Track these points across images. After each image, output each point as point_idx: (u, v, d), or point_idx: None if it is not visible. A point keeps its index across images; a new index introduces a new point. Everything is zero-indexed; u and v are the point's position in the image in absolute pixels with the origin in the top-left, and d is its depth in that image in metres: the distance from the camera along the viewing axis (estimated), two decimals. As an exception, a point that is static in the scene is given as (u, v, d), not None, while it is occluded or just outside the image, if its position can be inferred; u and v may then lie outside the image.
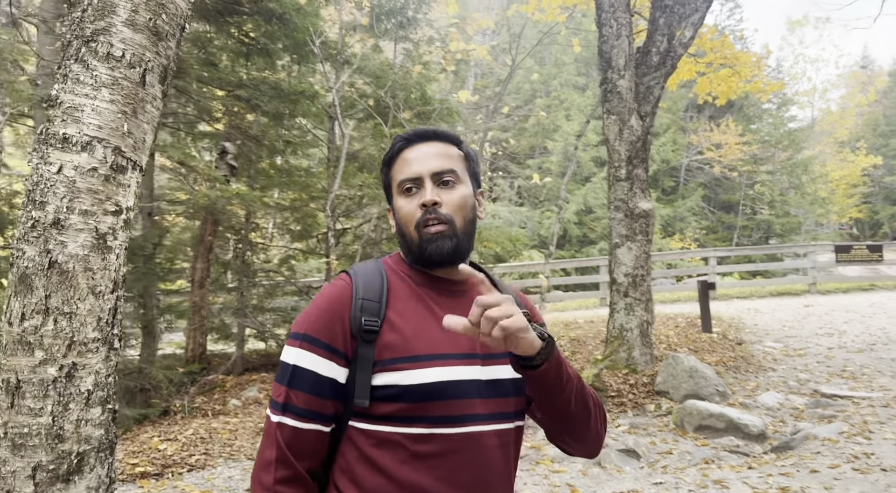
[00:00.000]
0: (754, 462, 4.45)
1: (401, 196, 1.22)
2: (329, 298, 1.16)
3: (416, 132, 1.27)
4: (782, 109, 29.47)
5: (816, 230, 30.79)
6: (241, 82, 7.17)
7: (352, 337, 1.12)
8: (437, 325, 1.17)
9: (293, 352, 1.13)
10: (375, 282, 1.18)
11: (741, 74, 10.05)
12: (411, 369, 1.11)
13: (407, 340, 1.14)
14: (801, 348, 8.26)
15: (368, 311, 1.14)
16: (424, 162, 1.21)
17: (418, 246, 1.19)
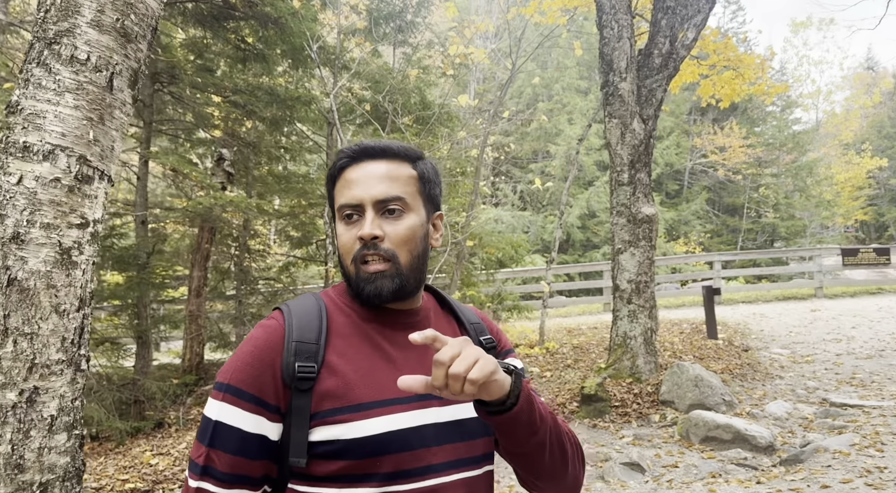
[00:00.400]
0: (763, 476, 4.29)
1: (341, 222, 1.07)
2: (256, 342, 1.00)
3: (362, 147, 1.09)
4: (786, 112, 29.31)
5: (822, 233, 30.55)
6: (237, 88, 7.06)
7: (284, 386, 0.97)
8: (384, 365, 1.04)
9: (215, 406, 0.97)
10: (312, 320, 1.03)
11: (745, 77, 9.91)
12: (355, 421, 0.96)
13: (349, 385, 0.99)
14: (808, 354, 8.09)
15: (303, 354, 0.98)
16: (367, 186, 1.05)
17: (355, 284, 1.05)
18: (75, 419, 2.15)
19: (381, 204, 1.05)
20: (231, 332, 9.29)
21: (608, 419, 5.96)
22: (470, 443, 1.07)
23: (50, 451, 2.03)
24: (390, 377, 1.01)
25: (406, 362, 1.05)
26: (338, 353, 1.01)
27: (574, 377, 7.13)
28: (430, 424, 1.03)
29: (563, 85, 26.64)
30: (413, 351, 1.07)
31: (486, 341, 1.20)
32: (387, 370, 1.03)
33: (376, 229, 1.02)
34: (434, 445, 1.02)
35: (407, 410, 1.01)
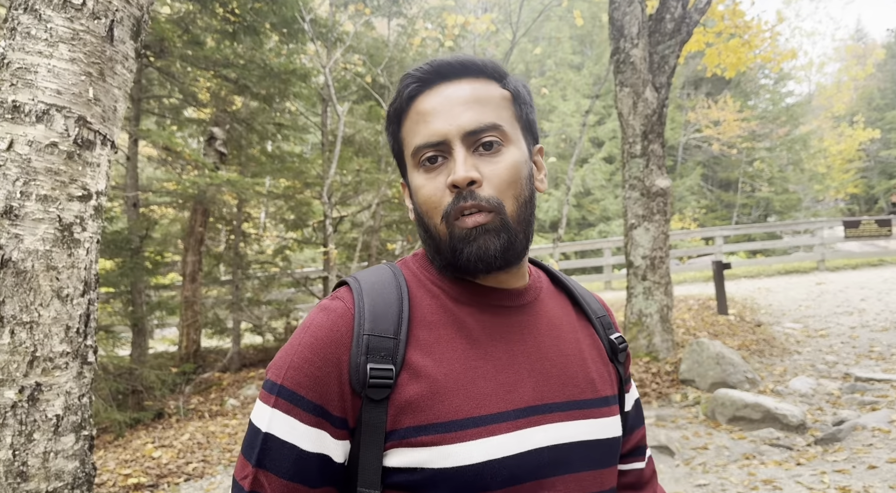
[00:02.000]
0: (801, 457, 4.11)
1: (418, 170, 0.81)
2: (317, 332, 0.74)
3: (435, 66, 0.82)
4: (780, 84, 29.12)
5: (815, 207, 30.58)
6: (228, 62, 6.70)
7: (353, 394, 0.73)
8: (485, 366, 0.77)
9: (265, 413, 0.74)
10: (391, 303, 0.77)
11: (752, 44, 9.64)
12: (447, 444, 0.72)
13: (438, 395, 0.74)
14: (822, 328, 7.94)
15: (378, 352, 0.73)
16: (451, 115, 0.78)
17: (449, 246, 0.78)
18: (83, 418, 1.88)
19: (472, 137, 0.78)
20: (227, 318, 9.02)
21: (627, 399, 5.76)
22: (598, 473, 0.82)
23: (56, 455, 1.77)
24: (493, 383, 0.77)
25: (513, 362, 0.79)
26: (423, 349, 0.76)
27: (587, 357, 6.93)
28: (545, 447, 0.77)
29: (555, 60, 26.24)
30: (521, 345, 0.81)
31: (617, 340, 0.93)
32: (488, 373, 0.77)
33: (472, 171, 0.76)
34: (549, 476, 0.76)
35: (515, 428, 0.75)
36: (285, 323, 9.32)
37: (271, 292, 9.83)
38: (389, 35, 9.27)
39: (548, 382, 0.81)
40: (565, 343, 0.86)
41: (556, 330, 0.86)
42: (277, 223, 11.05)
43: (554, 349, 0.84)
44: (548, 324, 0.86)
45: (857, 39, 43.51)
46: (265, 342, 9.80)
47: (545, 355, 0.83)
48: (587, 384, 0.85)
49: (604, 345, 0.92)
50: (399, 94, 0.84)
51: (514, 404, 0.77)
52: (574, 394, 0.83)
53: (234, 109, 8.75)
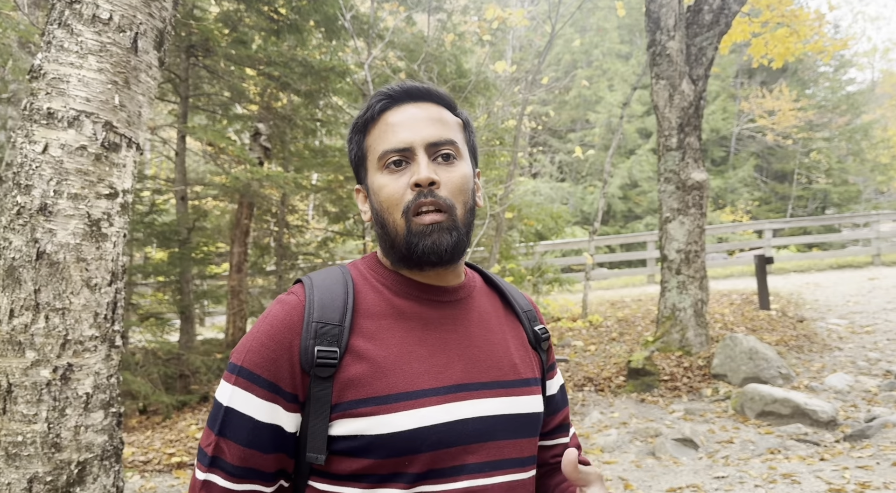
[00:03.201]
0: (826, 453, 4.07)
1: (382, 172, 0.92)
2: (273, 321, 0.87)
3: (403, 88, 0.96)
4: (840, 72, 27.86)
5: (877, 199, 29.22)
6: (272, 60, 6.95)
7: (303, 373, 0.85)
8: (420, 350, 0.90)
9: (227, 390, 0.87)
10: (337, 297, 0.90)
11: (800, 34, 9.35)
12: (382, 414, 0.84)
13: (377, 373, 0.86)
14: (868, 324, 7.70)
15: (325, 337, 0.86)
16: (416, 128, 0.92)
17: (405, 240, 0.90)
18: (111, 396, 2.08)
19: (433, 148, 0.92)
20: (273, 307, 9.35)
21: (657, 393, 5.77)
22: (517, 442, 0.94)
23: (87, 429, 1.97)
24: (426, 364, 0.89)
25: (445, 347, 0.92)
26: (365, 336, 0.89)
27: (620, 351, 6.93)
28: (470, 418, 0.89)
29: (602, 50, 25.84)
30: (453, 334, 0.94)
31: (540, 331, 1.06)
32: (422, 356, 0.90)
33: (433, 174, 0.89)
34: (474, 442, 0.89)
35: (443, 402, 0.88)
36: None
37: (314, 282, 10.11)
38: (429, 30, 9.40)
39: (475, 365, 0.94)
40: (492, 333, 0.99)
41: (485, 322, 0.99)
42: (321, 216, 11.35)
43: (482, 338, 0.97)
44: (478, 317, 0.99)
45: (927, 22, 41.12)
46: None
47: (474, 342, 0.95)
48: (510, 368, 0.98)
49: (528, 335, 1.05)
50: (370, 107, 0.96)
51: (443, 382, 0.89)
52: (498, 376, 0.96)
53: (278, 106, 9.04)
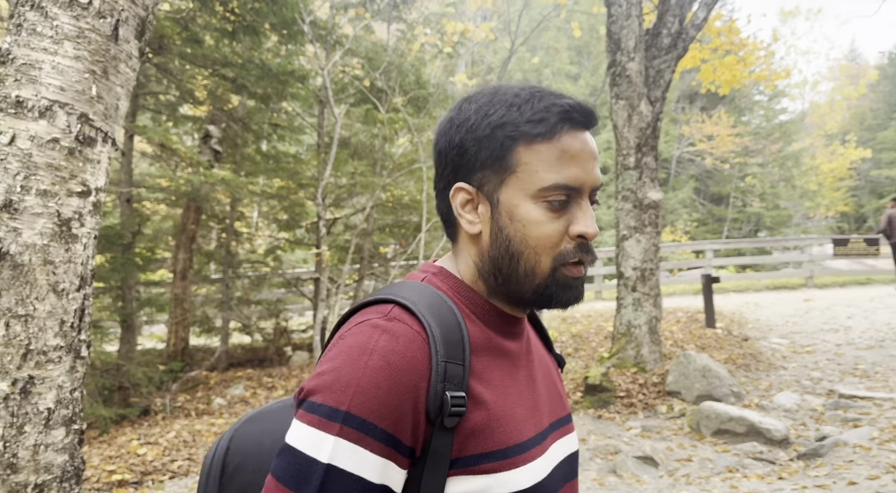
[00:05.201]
0: (783, 472, 4.15)
1: (537, 204, 0.76)
2: (389, 357, 0.69)
3: (586, 109, 0.78)
4: (774, 101, 29.38)
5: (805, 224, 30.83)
6: (227, 61, 6.71)
7: (427, 422, 0.70)
8: (516, 390, 0.79)
9: (326, 442, 0.67)
10: (454, 328, 0.74)
11: (746, 62, 9.75)
12: (505, 471, 0.72)
13: (494, 422, 0.74)
14: (808, 344, 8.02)
15: (453, 380, 0.71)
16: (589, 166, 0.77)
17: (543, 286, 0.77)
18: (74, 412, 1.89)
19: (594, 193, 0.79)
20: (216, 316, 8.99)
21: (613, 409, 5.80)
22: (576, 481, 0.88)
23: (46, 448, 1.78)
24: (524, 409, 0.79)
25: (532, 386, 0.83)
26: (476, 377, 0.75)
27: (576, 367, 6.97)
28: (557, 463, 0.82)
29: (553, 69, 26.39)
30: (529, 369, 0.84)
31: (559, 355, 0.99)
32: (520, 399, 0.79)
33: (597, 228, 0.78)
34: (559, 488, 0.81)
35: (543, 451, 0.79)
36: (274, 323, 9.31)
37: (261, 291, 9.81)
38: (389, 40, 9.32)
39: (549, 402, 0.86)
40: (545, 363, 0.91)
41: (539, 353, 0.91)
42: (270, 223, 11.04)
43: (543, 371, 0.89)
44: (534, 348, 0.90)
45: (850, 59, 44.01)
46: (254, 342, 9.78)
47: (540, 376, 0.87)
48: (563, 401, 0.91)
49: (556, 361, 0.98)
50: (545, 119, 0.76)
51: (540, 427, 0.80)
52: (560, 411, 0.89)
53: (231, 108, 8.75)
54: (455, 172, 0.80)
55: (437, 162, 0.83)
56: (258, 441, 0.86)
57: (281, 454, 0.69)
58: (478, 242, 0.80)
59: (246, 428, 0.89)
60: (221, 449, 0.87)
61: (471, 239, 0.81)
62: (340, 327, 0.77)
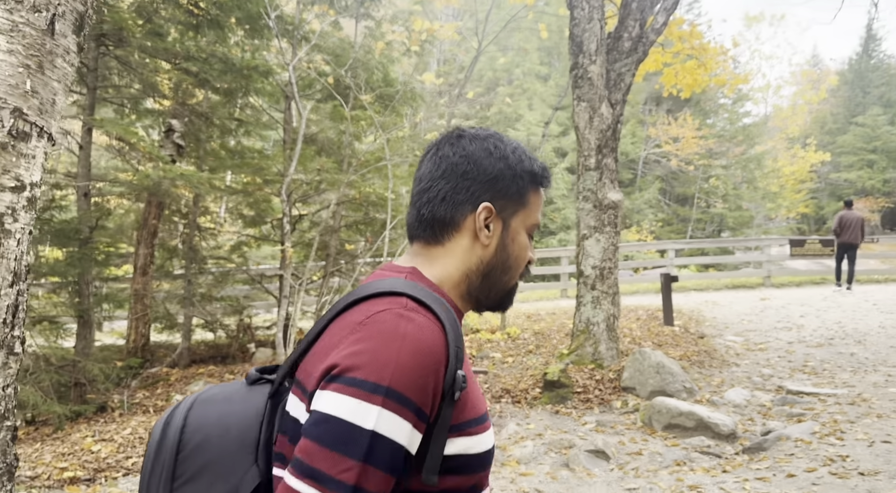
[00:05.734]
0: (727, 465, 4.30)
1: (522, 234, 1.02)
2: (418, 344, 0.83)
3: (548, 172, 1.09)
4: (738, 105, 30.04)
5: (767, 225, 31.58)
6: (189, 54, 6.64)
7: (441, 397, 0.85)
8: (470, 372, 0.96)
9: (371, 412, 0.79)
10: (455, 321, 0.90)
11: (707, 67, 9.97)
12: (480, 433, 0.91)
13: (472, 394, 0.93)
14: (761, 342, 8.26)
15: (460, 362, 0.87)
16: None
17: (506, 293, 1.04)
18: (7, 408, 1.89)
19: None
20: (178, 313, 8.89)
21: (570, 405, 5.91)
22: None
23: (-24, 448, 1.77)
24: (477, 385, 0.98)
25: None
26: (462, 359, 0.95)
27: (536, 363, 7.07)
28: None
29: (523, 70, 26.57)
30: None
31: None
32: (473, 378, 0.97)
33: None
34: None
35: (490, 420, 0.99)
36: (238, 320, 9.23)
37: (225, 288, 9.72)
38: (356, 36, 9.31)
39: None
40: None
41: None
42: (235, 219, 10.94)
43: None
44: None
45: (812, 65, 45.21)
46: (217, 339, 9.69)
47: None
48: None
49: None
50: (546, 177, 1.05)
51: (485, 402, 0.99)
52: None
53: (194, 103, 8.64)
54: (485, 192, 0.97)
55: (462, 177, 0.97)
56: (223, 424, 0.91)
57: (319, 423, 0.80)
58: (481, 252, 0.98)
59: (205, 410, 0.94)
60: (177, 426, 0.91)
61: (471, 247, 0.98)
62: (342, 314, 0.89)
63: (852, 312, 10.00)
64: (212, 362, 8.69)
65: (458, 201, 0.96)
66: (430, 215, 0.97)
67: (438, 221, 0.97)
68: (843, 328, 8.82)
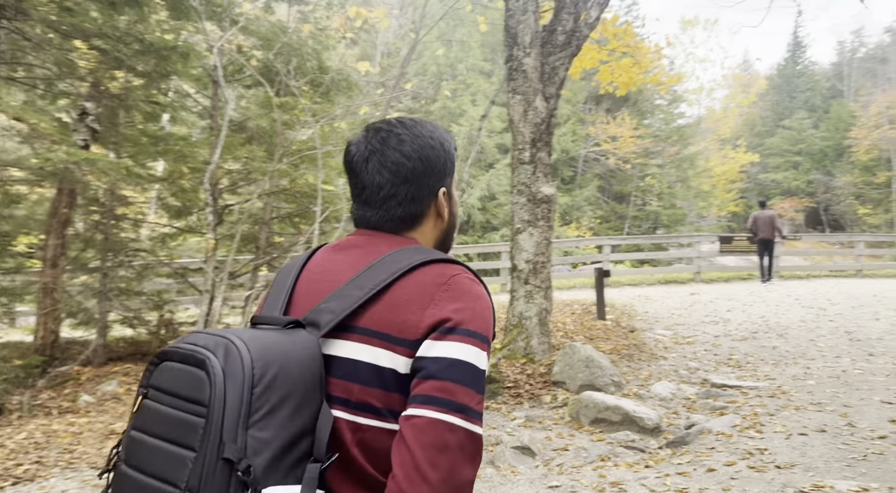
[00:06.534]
0: (650, 460, 4.28)
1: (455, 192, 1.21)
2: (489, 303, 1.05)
3: None
4: (673, 106, 30.85)
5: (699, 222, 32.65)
6: (102, 32, 6.19)
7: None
8: None
9: (483, 357, 0.98)
10: None
11: (641, 65, 10.09)
12: None
13: None
14: (689, 335, 8.42)
15: None
16: None
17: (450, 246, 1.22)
18: None
19: None
20: (95, 308, 8.36)
21: (501, 400, 5.83)
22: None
23: None
24: None
25: None
26: None
27: (467, 358, 6.96)
28: None
29: (467, 65, 26.50)
30: None
31: None
32: None
33: None
34: None
35: None
36: (159, 316, 8.78)
37: (147, 282, 9.23)
38: (289, 20, 8.96)
39: None
40: None
41: None
42: (159, 209, 10.41)
43: None
44: None
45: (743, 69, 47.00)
46: (137, 336, 9.19)
47: None
48: None
49: None
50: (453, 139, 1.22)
51: None
52: None
53: (114, 86, 8.12)
54: (439, 181, 1.14)
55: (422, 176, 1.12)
56: (290, 359, 0.93)
57: (456, 367, 0.94)
58: (441, 224, 1.17)
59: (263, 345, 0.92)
60: (247, 360, 0.88)
61: (435, 224, 1.16)
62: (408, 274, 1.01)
63: (776, 306, 10.35)
64: (130, 360, 8.23)
65: (423, 196, 1.12)
66: (403, 214, 1.11)
67: (411, 216, 1.12)
68: (766, 322, 9.09)
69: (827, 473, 3.72)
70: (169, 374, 0.92)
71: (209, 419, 0.85)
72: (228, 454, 0.83)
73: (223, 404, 0.85)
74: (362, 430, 0.96)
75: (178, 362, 0.91)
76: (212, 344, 0.90)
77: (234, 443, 0.84)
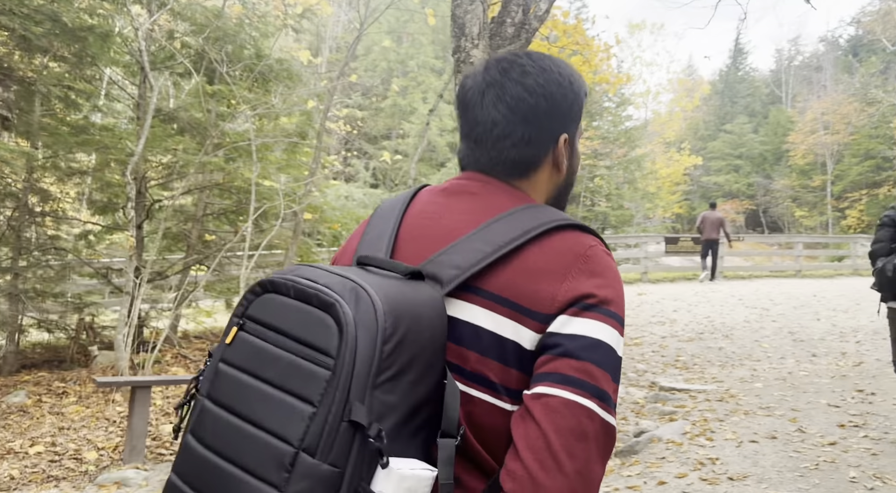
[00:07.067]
0: (599, 471, 4.05)
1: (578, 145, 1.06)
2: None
3: None
4: (621, 108, 31.26)
5: (645, 223, 33.21)
6: (6, 7, 5.60)
7: None
8: None
9: (621, 341, 0.86)
10: None
11: (591, 63, 9.98)
12: None
13: None
14: (637, 337, 8.31)
15: None
16: None
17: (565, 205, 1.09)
18: None
19: None
20: (5, 311, 7.67)
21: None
22: None
23: None
24: None
25: None
26: None
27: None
28: None
29: (417, 62, 26.23)
30: None
31: None
32: None
33: None
34: None
35: None
36: (79, 319, 8.14)
37: (66, 283, 8.56)
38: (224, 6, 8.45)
39: None
40: None
41: None
42: (83, 205, 9.71)
43: None
44: None
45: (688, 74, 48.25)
46: (55, 341, 8.51)
47: None
48: None
49: None
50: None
51: None
52: None
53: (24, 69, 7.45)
54: (563, 126, 0.99)
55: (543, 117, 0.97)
56: (419, 315, 0.80)
57: (598, 349, 0.82)
58: (557, 178, 1.02)
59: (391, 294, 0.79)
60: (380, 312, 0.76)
61: (550, 176, 1.01)
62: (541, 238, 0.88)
63: (720, 306, 10.40)
64: (46, 367, 7.59)
65: (542, 141, 0.98)
66: (518, 157, 0.98)
67: (525, 162, 0.98)
68: (712, 323, 9.09)
69: (780, 484, 3.56)
70: (281, 310, 0.79)
71: (336, 373, 0.73)
72: (357, 417, 0.71)
73: (353, 358, 0.73)
74: (473, 403, 0.85)
75: (294, 300, 0.79)
76: (338, 286, 0.78)
77: (362, 404, 0.73)
